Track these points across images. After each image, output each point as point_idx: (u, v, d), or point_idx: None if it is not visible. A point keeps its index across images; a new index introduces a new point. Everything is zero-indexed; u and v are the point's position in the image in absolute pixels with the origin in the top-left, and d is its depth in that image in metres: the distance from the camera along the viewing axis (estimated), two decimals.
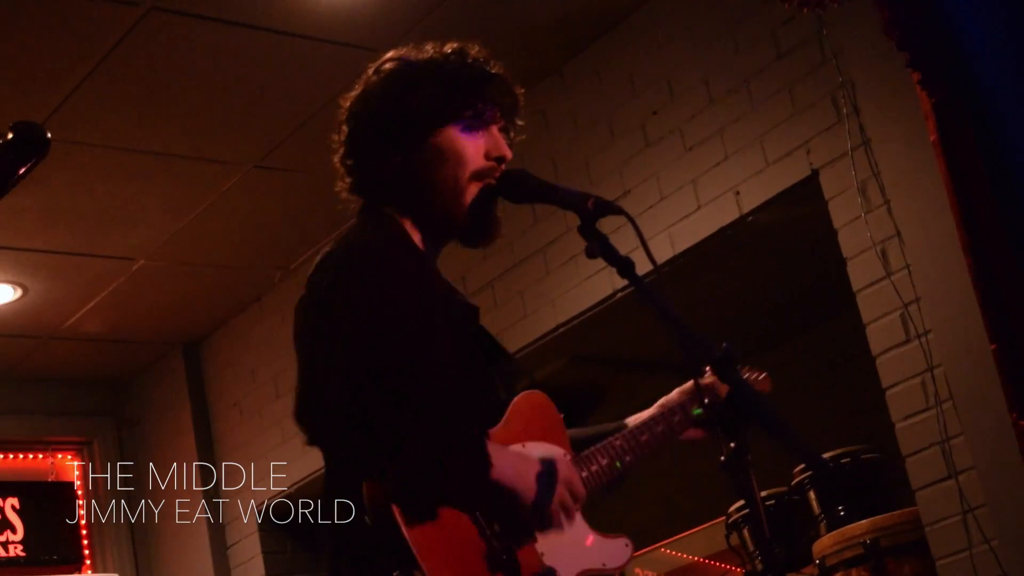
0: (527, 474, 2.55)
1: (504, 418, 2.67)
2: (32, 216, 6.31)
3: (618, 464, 2.83)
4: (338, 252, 2.64)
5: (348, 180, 2.82)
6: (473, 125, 2.74)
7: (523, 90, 2.87)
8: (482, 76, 2.79)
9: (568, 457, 2.72)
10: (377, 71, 2.83)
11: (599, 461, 2.80)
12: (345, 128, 2.82)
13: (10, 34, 5.06)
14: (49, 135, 2.45)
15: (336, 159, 2.83)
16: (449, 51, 2.82)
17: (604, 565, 2.70)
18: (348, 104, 2.83)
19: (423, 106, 2.74)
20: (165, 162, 6.11)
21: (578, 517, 2.68)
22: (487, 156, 2.73)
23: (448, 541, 2.44)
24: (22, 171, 2.81)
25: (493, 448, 2.50)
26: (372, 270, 2.59)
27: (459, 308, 2.74)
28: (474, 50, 2.83)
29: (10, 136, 2.69)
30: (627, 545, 2.80)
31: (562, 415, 2.82)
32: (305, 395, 2.50)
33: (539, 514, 2.57)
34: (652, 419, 2.98)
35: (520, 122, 2.87)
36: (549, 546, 2.60)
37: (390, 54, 2.86)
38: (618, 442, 2.87)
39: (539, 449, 2.67)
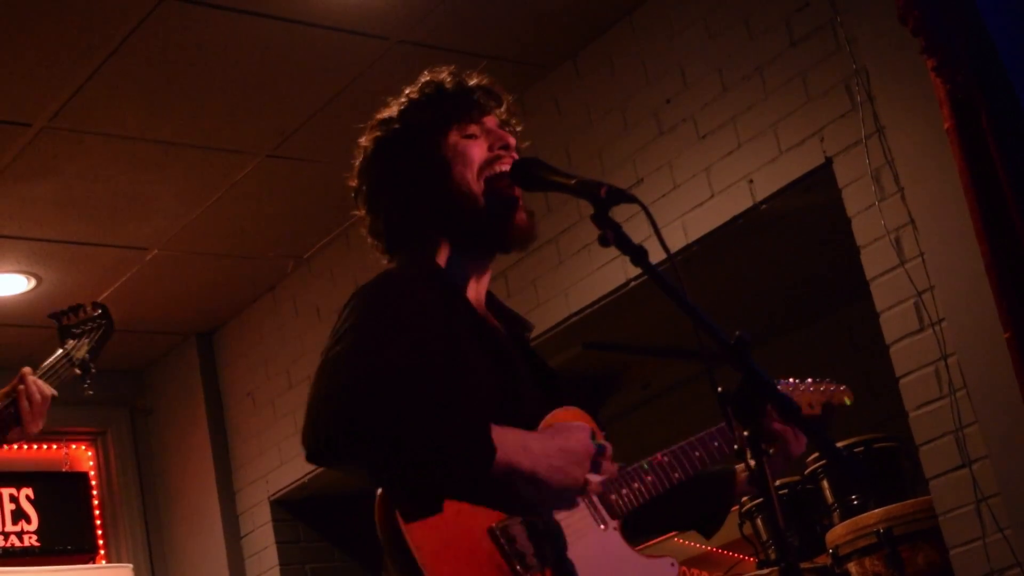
0: (539, 447, 2.48)
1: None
2: (45, 206, 6.32)
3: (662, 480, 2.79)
4: (363, 286, 2.66)
5: (382, 242, 2.83)
6: (468, 131, 2.77)
7: (510, 96, 2.91)
8: (458, 86, 2.83)
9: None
10: (369, 129, 2.85)
11: (643, 478, 2.75)
12: (364, 190, 2.83)
13: (23, 23, 5.06)
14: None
15: (365, 231, 2.85)
16: (423, 82, 2.85)
17: None
18: (356, 170, 2.85)
19: (419, 125, 2.77)
20: (178, 152, 6.11)
21: (614, 535, 2.62)
22: (491, 149, 2.75)
23: (462, 560, 2.41)
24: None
25: (498, 431, 2.44)
26: (386, 300, 2.61)
27: (490, 333, 2.74)
28: (445, 72, 2.86)
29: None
30: (672, 565, 2.71)
31: (602, 434, 2.72)
32: (308, 414, 2.48)
33: (559, 490, 2.50)
34: (693, 443, 2.92)
35: (516, 124, 2.89)
36: (580, 564, 2.51)
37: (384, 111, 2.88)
38: (665, 459, 2.82)
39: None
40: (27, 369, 3.90)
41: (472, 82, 2.84)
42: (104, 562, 7.86)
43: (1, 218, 6.36)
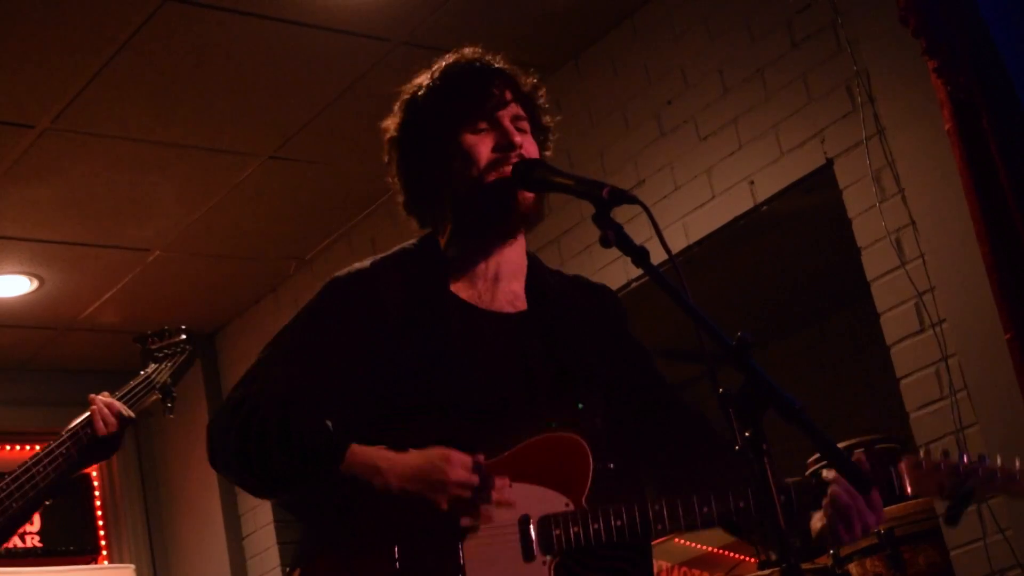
0: (391, 469, 2.55)
1: (512, 451, 2.62)
2: (48, 207, 6.33)
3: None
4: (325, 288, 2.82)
5: (414, 218, 2.90)
6: (478, 126, 2.76)
7: (532, 76, 2.90)
8: (474, 76, 2.82)
9: (568, 507, 2.58)
10: (397, 107, 2.89)
11: (592, 524, 2.57)
12: (393, 155, 2.87)
13: (27, 24, 5.07)
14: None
15: (396, 192, 2.90)
16: (445, 62, 2.85)
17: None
18: (387, 134, 2.88)
19: (432, 123, 2.79)
20: (180, 153, 6.12)
21: (538, 570, 2.53)
22: (495, 149, 2.75)
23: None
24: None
25: (358, 447, 2.55)
26: (313, 318, 2.76)
27: (479, 324, 2.75)
28: (469, 51, 2.87)
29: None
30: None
31: (593, 467, 2.63)
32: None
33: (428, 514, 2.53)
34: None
35: (542, 109, 2.91)
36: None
37: (414, 81, 2.89)
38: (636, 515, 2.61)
39: (529, 494, 2.59)
40: (94, 396, 4.00)
41: (494, 68, 2.83)
42: (106, 563, 7.87)
43: (4, 219, 6.37)
